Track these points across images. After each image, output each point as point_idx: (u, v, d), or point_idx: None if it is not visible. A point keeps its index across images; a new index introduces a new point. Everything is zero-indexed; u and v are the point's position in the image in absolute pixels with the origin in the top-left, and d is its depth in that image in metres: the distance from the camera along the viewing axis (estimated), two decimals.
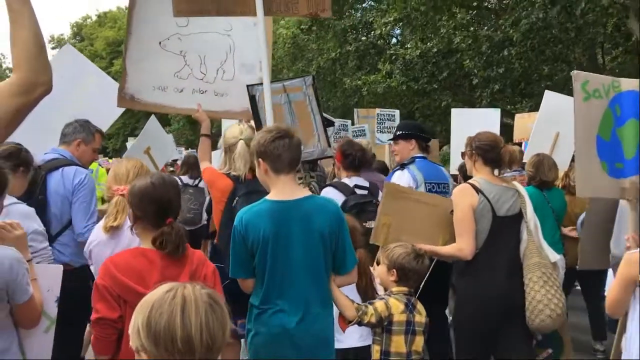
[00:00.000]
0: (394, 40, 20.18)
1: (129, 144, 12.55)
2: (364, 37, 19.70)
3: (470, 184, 3.49)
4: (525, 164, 5.30)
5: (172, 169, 10.33)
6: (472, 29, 15.43)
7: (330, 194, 4.13)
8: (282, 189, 2.70)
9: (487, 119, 7.46)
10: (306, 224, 2.65)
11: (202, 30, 4.62)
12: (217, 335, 1.41)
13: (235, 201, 3.61)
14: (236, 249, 2.69)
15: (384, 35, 18.40)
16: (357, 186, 4.30)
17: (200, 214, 6.54)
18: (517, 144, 7.48)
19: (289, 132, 2.73)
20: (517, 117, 8.94)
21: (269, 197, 2.73)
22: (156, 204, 2.46)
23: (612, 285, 2.73)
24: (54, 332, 2.66)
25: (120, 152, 24.99)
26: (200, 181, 6.53)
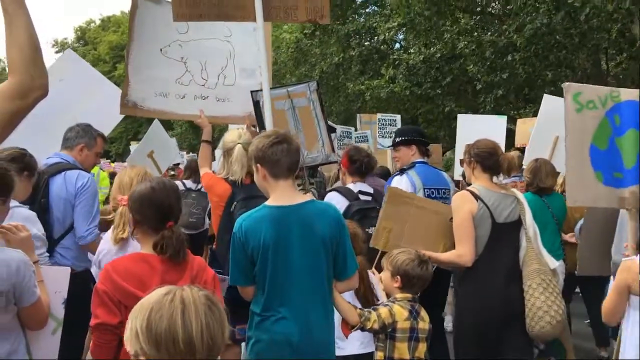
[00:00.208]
0: (397, 45, 20.15)
1: (132, 148, 12.59)
2: (367, 42, 19.68)
3: (469, 190, 3.49)
4: (524, 169, 5.28)
5: (173, 173, 10.33)
6: (475, 34, 15.39)
7: (334, 199, 4.13)
8: (282, 195, 2.67)
9: (493, 126, 7.39)
10: (307, 230, 2.61)
11: (202, 36, 4.66)
12: (217, 335, 1.43)
13: (233, 206, 3.61)
14: (236, 256, 2.65)
15: (388, 40, 18.37)
16: (361, 192, 4.29)
17: (202, 218, 6.55)
18: (519, 149, 7.46)
19: (287, 137, 2.70)
20: (519, 122, 8.91)
21: (268, 202, 2.68)
22: (156, 207, 2.44)
23: (609, 292, 2.74)
24: (60, 333, 2.66)
25: (123, 156, 25.05)
26: None
